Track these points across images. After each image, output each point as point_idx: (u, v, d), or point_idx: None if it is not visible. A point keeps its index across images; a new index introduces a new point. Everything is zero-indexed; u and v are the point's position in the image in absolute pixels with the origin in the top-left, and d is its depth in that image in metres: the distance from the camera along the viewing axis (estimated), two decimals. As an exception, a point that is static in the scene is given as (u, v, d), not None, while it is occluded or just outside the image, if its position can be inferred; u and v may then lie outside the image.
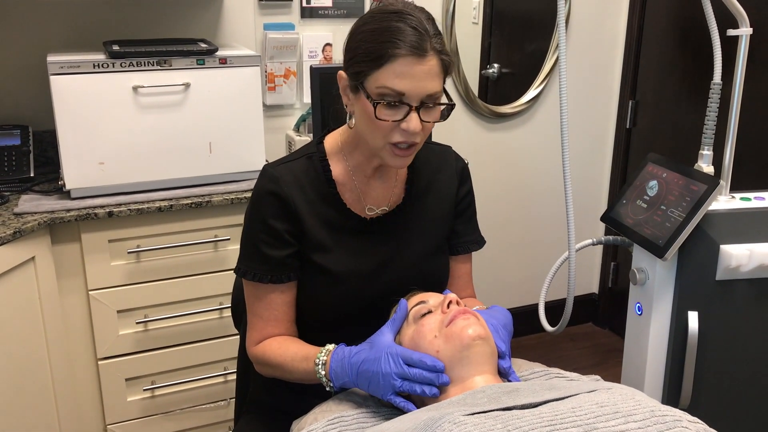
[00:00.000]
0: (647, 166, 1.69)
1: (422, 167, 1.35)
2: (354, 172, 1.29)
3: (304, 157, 1.29)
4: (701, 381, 1.62)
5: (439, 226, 1.36)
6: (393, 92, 1.12)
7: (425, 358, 1.08)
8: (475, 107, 2.77)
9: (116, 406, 2.05)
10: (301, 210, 1.25)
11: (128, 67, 1.90)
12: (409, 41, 1.11)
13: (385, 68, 1.12)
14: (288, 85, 2.45)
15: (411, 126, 1.13)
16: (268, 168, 1.28)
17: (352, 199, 1.29)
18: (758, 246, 1.54)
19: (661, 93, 2.81)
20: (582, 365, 2.90)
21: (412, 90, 1.12)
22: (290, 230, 1.25)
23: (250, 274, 1.26)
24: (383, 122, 1.15)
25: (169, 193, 1.98)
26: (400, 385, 1.08)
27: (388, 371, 1.09)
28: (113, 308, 1.96)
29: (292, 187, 1.25)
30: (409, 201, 1.33)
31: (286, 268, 1.26)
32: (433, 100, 1.15)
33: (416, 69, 1.11)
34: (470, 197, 1.41)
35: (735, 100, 1.62)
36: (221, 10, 2.33)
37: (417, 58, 1.11)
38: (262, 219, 1.24)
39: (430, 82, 1.13)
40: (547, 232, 3.06)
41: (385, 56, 1.11)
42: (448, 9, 2.60)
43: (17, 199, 1.93)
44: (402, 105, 1.13)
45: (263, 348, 1.28)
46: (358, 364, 1.12)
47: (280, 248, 1.25)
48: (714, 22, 1.58)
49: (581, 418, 0.92)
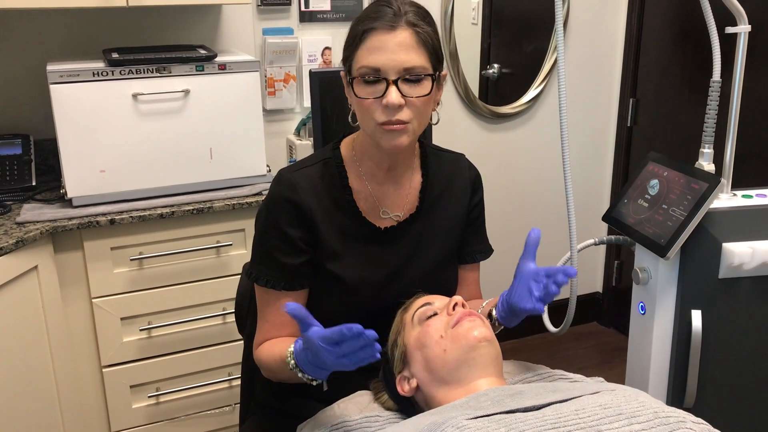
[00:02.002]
0: (648, 165, 1.69)
1: (435, 176, 1.35)
2: (368, 178, 1.28)
3: (321, 163, 1.29)
4: (705, 379, 1.62)
5: (450, 236, 1.36)
6: (369, 69, 1.14)
7: (343, 329, 0.98)
8: (475, 108, 2.77)
9: (121, 413, 2.05)
10: (317, 217, 1.24)
11: (128, 74, 1.90)
12: (381, 18, 1.14)
13: (361, 47, 1.15)
14: (288, 90, 2.45)
15: (389, 99, 1.13)
16: (284, 173, 1.27)
17: (366, 207, 1.29)
18: (761, 243, 1.54)
19: (661, 91, 2.81)
20: (587, 365, 2.90)
21: (386, 63, 1.13)
22: (305, 238, 1.24)
23: (262, 279, 1.26)
24: (366, 101, 1.15)
25: (170, 200, 1.98)
26: (348, 362, 1.02)
27: (330, 360, 1.02)
28: (117, 315, 1.96)
29: (309, 194, 1.24)
30: (422, 210, 1.32)
31: (299, 276, 1.26)
32: (414, 74, 1.15)
33: (388, 42, 1.13)
34: (481, 206, 1.41)
35: (735, 98, 1.62)
36: (220, 16, 2.33)
37: (387, 31, 1.13)
38: (277, 226, 1.24)
39: (405, 54, 1.13)
40: (550, 232, 3.04)
41: (359, 35, 1.15)
42: (447, 10, 2.60)
43: (19, 208, 1.93)
44: (380, 81, 1.14)
45: (260, 350, 1.29)
46: (309, 359, 1.07)
47: (294, 256, 1.24)
48: (712, 19, 1.58)
49: (585, 420, 0.91)
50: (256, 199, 2.03)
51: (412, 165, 1.32)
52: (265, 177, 2.12)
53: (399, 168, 1.29)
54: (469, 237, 1.40)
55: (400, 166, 1.29)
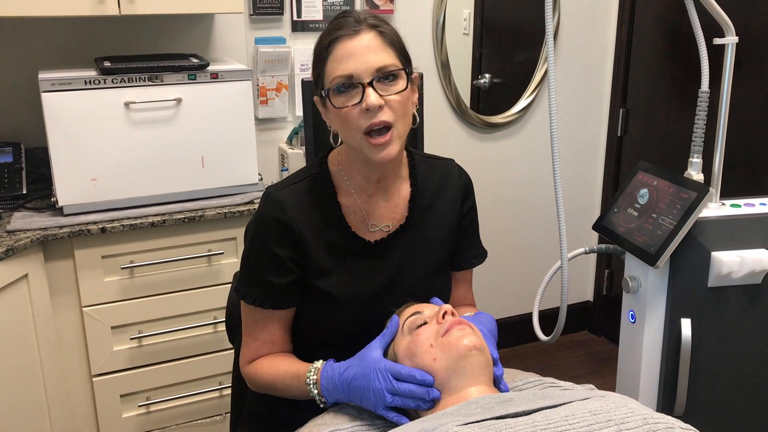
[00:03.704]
0: (638, 174, 1.70)
1: (425, 184, 1.33)
2: (357, 192, 1.27)
3: (309, 178, 1.28)
4: (695, 387, 1.63)
5: (441, 245, 1.34)
6: (342, 77, 1.15)
7: (415, 373, 1.08)
8: (466, 117, 2.78)
9: (111, 422, 2.04)
10: (306, 236, 1.23)
11: (120, 83, 1.90)
12: (343, 27, 1.16)
13: (330, 60, 1.16)
14: (280, 99, 2.46)
15: (369, 101, 1.13)
16: (272, 192, 1.26)
17: (356, 221, 1.28)
18: (749, 252, 1.55)
19: (651, 101, 2.83)
20: (578, 373, 2.91)
21: (357, 67, 1.14)
22: (293, 257, 1.24)
23: (250, 297, 1.25)
24: (344, 110, 1.15)
25: (162, 208, 1.98)
26: (390, 401, 1.08)
27: (378, 387, 1.08)
28: (107, 324, 1.96)
29: (297, 212, 1.23)
30: (412, 220, 1.31)
31: (286, 295, 1.25)
32: (387, 73, 1.15)
33: (353, 47, 1.14)
34: (473, 212, 1.40)
35: (723, 108, 1.64)
36: (212, 25, 2.34)
37: (350, 38, 1.15)
38: (266, 246, 1.23)
39: (374, 55, 1.14)
40: (541, 241, 3.06)
41: (325, 48, 1.17)
42: (438, 20, 2.61)
43: (9, 216, 1.93)
44: (355, 86, 1.14)
45: (255, 367, 1.28)
46: (349, 381, 1.12)
47: (282, 275, 1.24)
48: (701, 31, 1.59)
49: (574, 426, 0.92)
50: (247, 207, 2.03)
51: (401, 174, 1.31)
52: (257, 186, 2.13)
53: (388, 179, 1.28)
54: (463, 243, 1.39)
55: (389, 176, 1.28)
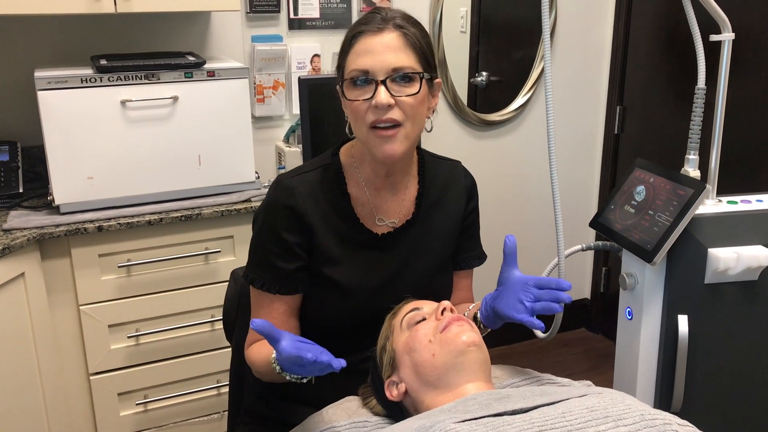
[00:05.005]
0: (635, 171, 1.70)
1: (432, 184, 1.36)
2: (366, 185, 1.29)
3: (320, 168, 1.30)
4: (692, 384, 1.63)
5: (445, 242, 1.37)
6: (358, 71, 1.17)
7: (302, 355, 1.02)
8: (463, 115, 2.78)
9: (109, 421, 2.03)
10: (315, 223, 1.25)
11: (116, 81, 1.90)
12: (369, 22, 1.18)
13: (351, 52, 1.19)
14: (277, 97, 2.46)
15: (378, 99, 1.15)
16: (283, 179, 1.28)
17: (364, 213, 1.30)
18: (745, 249, 1.55)
19: (648, 98, 2.84)
20: (575, 371, 2.91)
21: (374, 65, 1.16)
22: (302, 243, 1.25)
23: (258, 282, 1.27)
24: (355, 103, 1.17)
25: (158, 207, 1.98)
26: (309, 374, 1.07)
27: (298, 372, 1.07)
28: (104, 323, 1.95)
29: (307, 199, 1.25)
30: (418, 217, 1.33)
31: (294, 281, 1.26)
32: (402, 74, 1.17)
33: (375, 44, 1.16)
34: (476, 213, 1.43)
35: (719, 105, 1.64)
36: (209, 23, 2.33)
37: (374, 34, 1.17)
38: (275, 231, 1.25)
39: (392, 55, 1.16)
40: (538, 239, 3.06)
41: (349, 40, 1.19)
42: (436, 18, 2.61)
43: (6, 215, 1.92)
44: (369, 82, 1.16)
45: (250, 350, 1.30)
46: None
47: (291, 261, 1.25)
48: (697, 28, 1.59)
49: (572, 423, 0.92)
50: (244, 205, 2.03)
51: (410, 172, 1.33)
52: (254, 184, 2.12)
53: (397, 175, 1.30)
54: (464, 243, 1.41)
55: (398, 173, 1.30)
